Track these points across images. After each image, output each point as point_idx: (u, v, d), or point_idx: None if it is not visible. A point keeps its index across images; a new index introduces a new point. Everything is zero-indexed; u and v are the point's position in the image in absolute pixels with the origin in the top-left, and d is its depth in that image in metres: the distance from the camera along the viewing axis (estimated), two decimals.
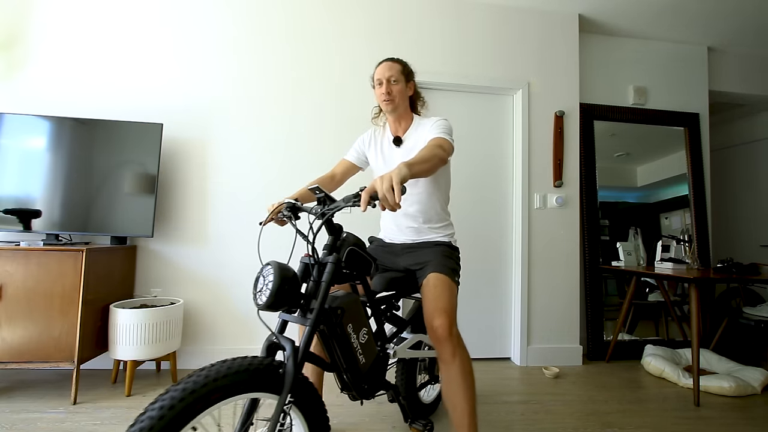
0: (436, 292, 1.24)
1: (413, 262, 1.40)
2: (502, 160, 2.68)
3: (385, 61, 1.45)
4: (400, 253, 1.45)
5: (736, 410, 1.91)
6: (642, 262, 2.77)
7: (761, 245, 3.57)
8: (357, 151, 1.56)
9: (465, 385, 1.18)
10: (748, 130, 3.79)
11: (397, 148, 1.45)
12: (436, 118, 1.40)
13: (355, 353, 1.08)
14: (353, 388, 1.12)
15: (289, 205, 1.18)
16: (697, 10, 2.64)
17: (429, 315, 1.21)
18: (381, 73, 1.42)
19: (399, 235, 1.46)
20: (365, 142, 1.56)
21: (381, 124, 1.57)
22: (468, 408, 1.18)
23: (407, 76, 1.46)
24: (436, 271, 1.29)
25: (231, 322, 2.32)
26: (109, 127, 2.10)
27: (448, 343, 1.18)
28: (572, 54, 2.70)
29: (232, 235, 2.35)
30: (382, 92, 1.41)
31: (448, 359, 1.19)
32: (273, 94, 2.42)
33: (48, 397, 1.83)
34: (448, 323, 1.18)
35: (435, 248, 1.40)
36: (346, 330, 1.06)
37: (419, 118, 1.48)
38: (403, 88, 1.43)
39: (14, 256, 1.78)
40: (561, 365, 2.46)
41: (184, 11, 2.39)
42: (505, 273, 2.63)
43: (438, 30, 2.57)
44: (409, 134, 1.45)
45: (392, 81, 1.41)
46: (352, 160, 1.56)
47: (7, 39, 2.25)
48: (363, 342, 1.10)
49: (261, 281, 0.97)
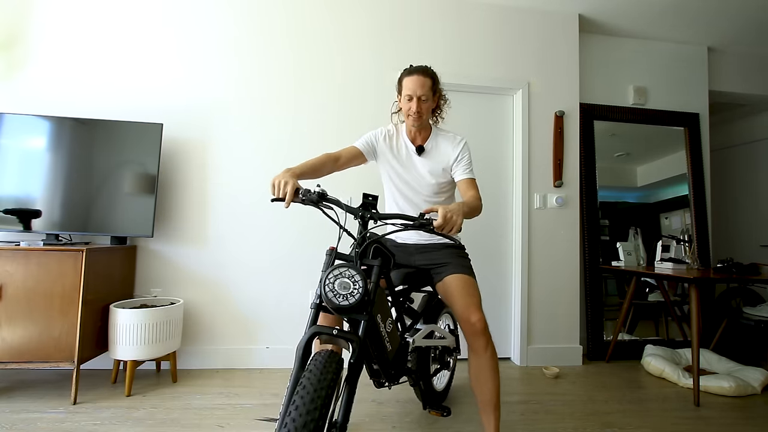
0: (466, 291, 1.36)
1: (428, 262, 1.50)
2: (502, 160, 2.68)
3: (418, 74, 1.41)
4: (414, 252, 1.53)
5: (736, 410, 1.91)
6: (642, 262, 2.77)
7: (761, 245, 3.57)
8: (368, 144, 1.53)
9: (494, 373, 1.34)
10: (748, 130, 3.79)
11: (418, 157, 1.51)
12: (458, 139, 1.51)
13: (383, 341, 1.14)
14: (383, 374, 1.20)
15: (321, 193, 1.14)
16: (698, 10, 2.64)
17: (464, 311, 1.32)
18: (412, 89, 1.40)
19: (412, 236, 1.54)
20: (378, 139, 1.54)
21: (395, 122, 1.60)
22: (495, 390, 1.34)
23: (435, 91, 1.46)
24: (460, 272, 1.41)
25: (231, 322, 2.32)
26: (109, 127, 2.10)
27: (483, 336, 1.31)
28: (572, 54, 2.70)
29: (232, 235, 2.35)
30: (412, 109, 1.41)
31: (481, 350, 1.32)
32: (274, 95, 2.42)
33: (48, 397, 1.83)
34: (483, 318, 1.32)
35: (448, 250, 1.51)
36: (376, 320, 1.11)
37: (437, 130, 1.55)
38: (431, 105, 1.46)
39: (14, 256, 1.78)
40: (561, 365, 2.46)
41: (184, 11, 2.39)
42: (505, 273, 2.63)
43: (438, 30, 2.57)
44: (430, 145, 1.52)
45: (422, 99, 1.41)
46: (362, 149, 1.52)
47: (7, 39, 2.25)
48: (389, 331, 1.18)
49: (344, 283, 0.98)
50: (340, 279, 0.99)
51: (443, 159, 1.50)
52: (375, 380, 1.28)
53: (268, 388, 2.01)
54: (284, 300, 2.35)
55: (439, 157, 1.50)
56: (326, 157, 1.41)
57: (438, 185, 1.52)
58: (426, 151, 1.51)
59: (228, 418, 1.67)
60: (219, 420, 1.66)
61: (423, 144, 1.51)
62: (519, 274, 2.55)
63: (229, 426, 1.61)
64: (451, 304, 1.38)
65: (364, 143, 1.53)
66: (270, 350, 2.32)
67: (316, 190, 1.14)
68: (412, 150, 1.52)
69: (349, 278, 0.99)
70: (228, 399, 1.87)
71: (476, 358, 1.35)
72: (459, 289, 1.37)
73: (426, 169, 1.51)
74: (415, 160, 1.52)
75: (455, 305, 1.36)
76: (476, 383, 1.36)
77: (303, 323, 2.34)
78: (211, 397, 1.88)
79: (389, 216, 1.14)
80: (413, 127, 1.50)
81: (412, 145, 1.52)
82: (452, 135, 1.53)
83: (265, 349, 2.32)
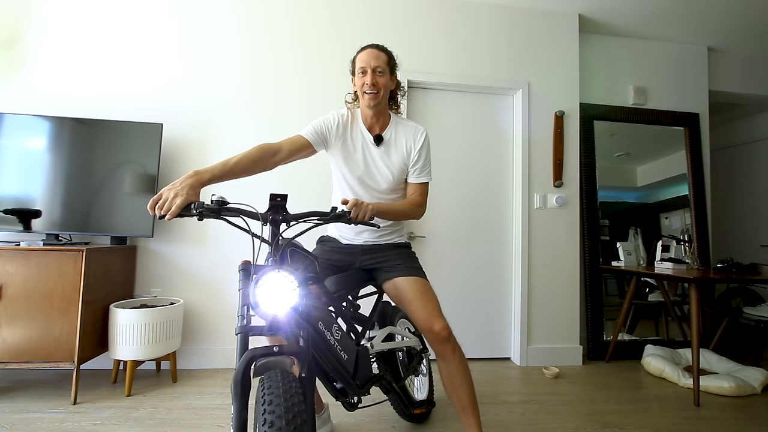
0: (424, 297, 1.29)
1: (376, 262, 1.40)
2: (502, 160, 2.68)
3: (371, 47, 1.32)
4: (360, 253, 1.42)
5: (736, 410, 1.91)
6: (642, 262, 2.77)
7: (761, 245, 3.57)
8: (317, 133, 1.33)
9: (466, 376, 1.30)
10: (748, 130, 3.79)
11: (376, 147, 1.36)
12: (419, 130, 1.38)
13: (335, 351, 1.06)
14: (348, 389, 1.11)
15: (220, 201, 0.95)
16: (698, 10, 2.64)
17: (425, 320, 1.26)
18: (366, 61, 1.29)
19: (357, 237, 1.42)
20: (331, 126, 1.35)
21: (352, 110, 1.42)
22: (471, 392, 1.30)
23: (392, 68, 1.34)
24: (413, 275, 1.33)
25: (231, 322, 2.32)
26: (109, 127, 2.10)
27: (449, 343, 1.26)
28: (572, 54, 2.69)
29: (231, 235, 2.34)
30: (366, 82, 1.27)
31: (449, 356, 1.27)
32: (275, 95, 2.42)
33: (48, 397, 1.83)
34: (446, 325, 1.26)
35: (396, 250, 1.42)
36: (318, 328, 1.02)
37: (396, 118, 1.41)
38: (388, 81, 1.32)
39: (14, 256, 1.78)
40: (561, 365, 2.46)
41: (185, 11, 2.39)
42: (505, 273, 2.63)
43: (438, 30, 2.57)
44: (389, 134, 1.37)
45: (378, 72, 1.28)
46: (310, 139, 1.31)
47: (7, 38, 2.25)
48: (338, 338, 1.09)
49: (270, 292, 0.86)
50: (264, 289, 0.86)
51: (402, 151, 1.36)
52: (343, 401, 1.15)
53: None
54: None
55: (398, 149, 1.36)
56: (259, 151, 1.20)
57: (395, 180, 1.37)
58: (385, 141, 1.35)
59: (228, 418, 1.67)
60: (219, 420, 1.66)
61: (381, 133, 1.36)
62: (519, 274, 2.55)
63: (229, 426, 1.61)
64: (409, 312, 1.30)
65: (313, 132, 1.32)
66: None
67: (213, 199, 0.94)
68: (369, 140, 1.36)
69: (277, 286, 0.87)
70: (228, 399, 1.86)
71: (446, 364, 1.29)
72: (416, 294, 1.29)
73: (383, 161, 1.36)
74: (373, 152, 1.36)
75: (414, 313, 1.28)
76: (451, 389, 1.31)
77: None
78: (211, 397, 1.88)
79: (301, 215, 1.02)
80: (369, 108, 1.32)
81: (369, 135, 1.36)
82: (413, 125, 1.39)
83: None
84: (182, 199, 0.91)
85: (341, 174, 1.40)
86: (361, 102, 1.35)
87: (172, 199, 0.91)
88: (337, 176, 1.43)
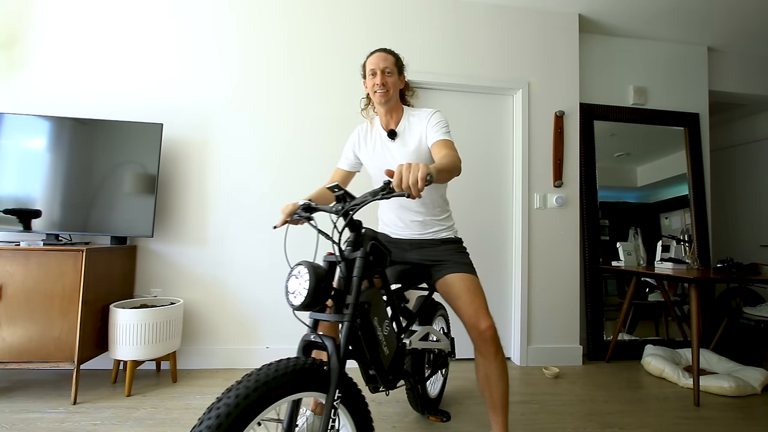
0: (472, 295, 1.32)
1: (424, 258, 1.44)
2: (502, 160, 2.68)
3: (379, 51, 1.43)
4: (409, 248, 1.47)
5: (736, 410, 1.91)
6: (642, 262, 2.77)
7: (761, 245, 3.57)
8: (347, 158, 1.55)
9: (504, 378, 1.32)
10: (748, 130, 3.79)
11: (392, 142, 1.44)
12: (429, 111, 1.41)
13: (380, 345, 1.10)
14: (380, 380, 1.15)
15: (305, 206, 1.19)
16: (697, 10, 2.64)
17: (472, 317, 1.29)
18: (375, 63, 1.39)
19: (405, 231, 1.48)
20: (355, 144, 1.53)
21: (369, 118, 1.54)
22: (505, 394, 1.33)
23: (400, 69, 1.45)
24: (463, 271, 1.37)
25: (231, 322, 2.32)
26: (109, 127, 2.10)
27: (493, 342, 1.29)
28: (572, 54, 2.70)
29: (232, 235, 2.35)
30: (377, 83, 1.38)
31: (491, 357, 1.30)
32: (275, 95, 2.42)
33: (48, 397, 1.83)
34: (493, 324, 1.29)
35: (445, 246, 1.45)
36: (373, 323, 1.07)
37: (409, 109, 1.47)
38: (396, 81, 1.42)
39: (14, 256, 1.78)
40: (561, 365, 2.46)
41: (185, 11, 2.39)
42: (505, 273, 2.63)
43: (438, 30, 2.57)
44: (402, 127, 1.44)
45: (386, 72, 1.39)
46: (345, 168, 1.56)
47: (7, 38, 2.25)
48: (386, 334, 1.14)
49: (294, 282, 0.97)
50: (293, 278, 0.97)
51: (416, 136, 1.40)
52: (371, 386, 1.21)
53: None
54: (284, 300, 2.35)
55: (412, 136, 1.41)
56: (324, 189, 1.44)
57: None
58: (399, 134, 1.43)
59: None
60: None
61: (395, 128, 1.44)
62: (519, 274, 2.55)
63: None
64: (456, 307, 1.34)
65: (345, 160, 1.56)
66: (270, 350, 2.32)
67: (300, 205, 1.17)
68: (384, 137, 1.45)
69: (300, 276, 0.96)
70: None
71: (486, 363, 1.32)
72: (464, 290, 1.32)
73: (400, 153, 1.43)
74: (391, 147, 1.44)
75: (461, 309, 1.32)
76: (485, 386, 1.34)
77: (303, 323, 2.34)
78: (211, 397, 1.88)
79: (361, 198, 1.04)
80: (381, 106, 1.42)
81: (384, 131, 1.45)
82: (425, 110, 1.44)
83: (265, 349, 2.32)
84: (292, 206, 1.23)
85: (371, 177, 1.54)
86: (374, 101, 1.44)
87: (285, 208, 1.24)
88: (373, 182, 1.55)
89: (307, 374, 0.88)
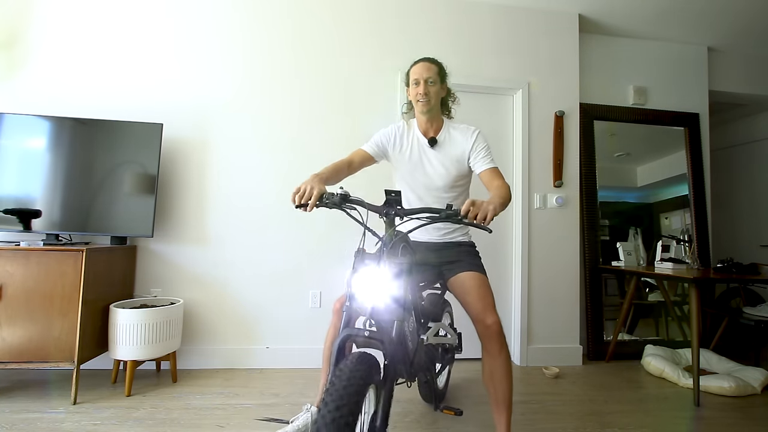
0: (481, 292, 1.36)
1: (440, 259, 1.49)
2: (502, 161, 2.67)
3: (423, 61, 1.48)
4: (425, 251, 1.50)
5: (736, 410, 1.91)
6: (642, 262, 2.77)
7: (761, 245, 3.56)
8: (377, 145, 1.53)
9: (508, 375, 1.35)
10: (748, 130, 3.79)
11: (431, 149, 1.49)
12: (472, 129, 1.49)
13: (407, 341, 1.13)
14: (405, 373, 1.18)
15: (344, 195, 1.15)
16: (698, 10, 2.64)
17: (480, 313, 1.33)
18: (419, 73, 1.44)
19: (425, 235, 1.51)
20: (389, 138, 1.53)
21: (406, 119, 1.59)
22: (508, 391, 1.36)
23: (442, 78, 1.49)
24: (474, 270, 1.42)
25: (231, 322, 2.32)
26: (109, 127, 2.10)
27: (498, 339, 1.32)
28: (572, 54, 2.69)
29: (232, 235, 2.35)
30: (419, 92, 1.43)
31: (496, 353, 1.33)
32: (276, 95, 2.42)
33: (48, 397, 1.83)
34: (499, 321, 1.33)
35: (460, 248, 1.51)
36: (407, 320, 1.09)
37: (449, 122, 1.54)
38: (439, 90, 1.47)
39: (14, 256, 1.78)
40: (561, 365, 2.45)
41: (185, 11, 2.39)
42: (505, 273, 2.63)
43: (438, 30, 2.57)
44: (442, 137, 1.50)
45: (429, 82, 1.43)
46: (371, 152, 1.52)
47: (7, 38, 2.25)
48: (411, 330, 1.18)
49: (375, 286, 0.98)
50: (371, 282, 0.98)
51: (457, 150, 1.47)
52: None
53: (268, 388, 2.00)
54: (284, 300, 2.35)
55: (452, 148, 1.48)
56: (341, 163, 1.43)
57: (451, 178, 1.48)
58: (439, 143, 1.48)
59: (228, 418, 1.67)
60: (219, 420, 1.66)
61: (435, 136, 1.49)
62: (519, 274, 2.55)
63: (229, 426, 1.61)
64: (465, 303, 1.39)
65: (374, 146, 1.52)
66: (270, 350, 2.32)
67: (339, 192, 1.15)
68: (424, 143, 1.49)
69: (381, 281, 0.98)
70: (228, 399, 1.87)
71: (490, 359, 1.35)
72: (475, 288, 1.37)
73: (439, 160, 1.48)
74: (429, 154, 1.49)
75: (470, 305, 1.36)
76: (489, 382, 1.37)
77: (303, 323, 2.34)
78: (211, 397, 1.88)
79: (415, 211, 1.14)
80: (422, 114, 1.48)
81: (424, 138, 1.50)
82: (465, 126, 1.51)
83: (265, 349, 2.32)
84: (318, 190, 1.12)
85: (402, 179, 1.55)
86: (416, 109, 1.50)
87: (310, 190, 1.12)
88: (399, 183, 1.57)
89: (375, 369, 0.91)
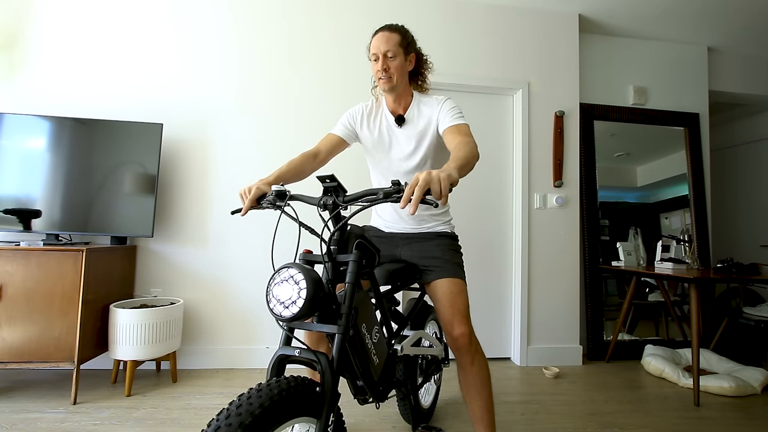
0: (453, 299, 1.24)
1: (416, 255, 1.34)
2: (502, 160, 2.68)
3: (382, 30, 1.27)
4: (401, 243, 1.37)
5: (736, 410, 1.91)
6: (642, 262, 2.77)
7: (761, 245, 3.57)
8: (346, 127, 1.39)
9: (484, 389, 1.25)
10: (749, 130, 3.79)
11: (399, 128, 1.33)
12: (441, 99, 1.30)
13: (369, 354, 1.00)
14: (369, 392, 1.05)
15: (279, 192, 1.00)
16: (698, 10, 2.64)
17: (447, 322, 1.22)
18: (376, 46, 1.25)
19: (400, 224, 1.38)
20: (355, 117, 1.39)
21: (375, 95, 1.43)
22: (486, 406, 1.25)
23: (407, 48, 1.28)
24: (449, 275, 1.27)
25: (231, 322, 2.32)
26: (109, 127, 2.10)
27: (468, 351, 1.21)
28: (572, 54, 2.69)
29: (232, 235, 2.35)
30: (378, 69, 1.25)
31: (467, 366, 1.23)
32: (275, 94, 2.42)
33: (48, 397, 1.83)
34: (468, 332, 1.21)
35: (439, 241, 1.35)
36: (361, 330, 0.97)
37: (419, 95, 1.35)
38: (402, 63, 1.27)
39: (14, 256, 1.78)
40: (561, 365, 2.46)
41: (185, 11, 2.39)
42: (505, 273, 2.63)
43: (438, 30, 2.57)
44: (411, 113, 1.33)
45: (389, 56, 1.24)
46: (341, 135, 1.38)
47: (7, 39, 2.25)
48: (375, 341, 1.04)
49: (287, 288, 0.82)
50: (280, 284, 0.82)
51: (425, 124, 1.29)
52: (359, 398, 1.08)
53: None
54: None
55: (421, 124, 1.30)
56: (304, 157, 1.28)
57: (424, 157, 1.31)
58: (407, 121, 1.31)
59: None
60: None
61: (404, 113, 1.33)
62: (519, 274, 2.55)
63: None
64: (437, 311, 1.27)
65: (343, 127, 1.38)
66: (270, 350, 2.32)
67: (274, 190, 1.00)
68: (391, 122, 1.34)
69: (294, 281, 0.81)
70: (228, 399, 1.87)
71: (463, 373, 1.26)
72: (446, 295, 1.24)
73: (407, 139, 1.32)
74: (397, 133, 1.33)
75: (439, 313, 1.25)
76: (467, 396, 1.28)
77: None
78: (211, 397, 1.88)
79: (354, 197, 0.94)
80: (385, 93, 1.31)
81: (392, 116, 1.34)
82: (435, 98, 1.32)
83: (265, 349, 2.32)
84: (255, 191, 1.06)
85: (371, 160, 1.43)
86: (378, 86, 1.32)
87: (247, 193, 1.07)
88: (370, 165, 1.45)
89: (296, 398, 0.74)
